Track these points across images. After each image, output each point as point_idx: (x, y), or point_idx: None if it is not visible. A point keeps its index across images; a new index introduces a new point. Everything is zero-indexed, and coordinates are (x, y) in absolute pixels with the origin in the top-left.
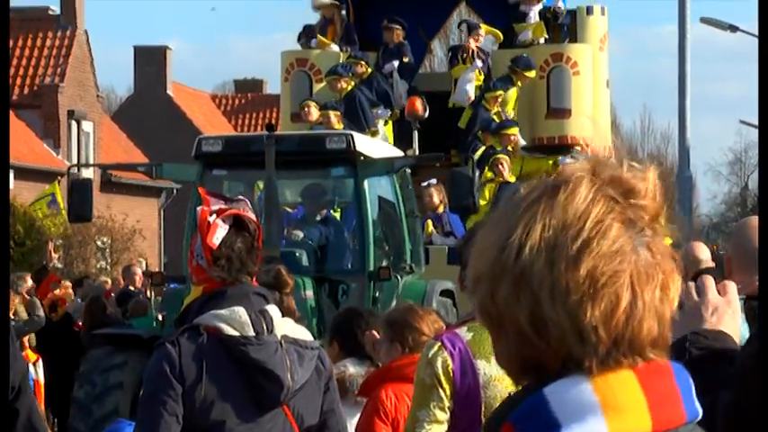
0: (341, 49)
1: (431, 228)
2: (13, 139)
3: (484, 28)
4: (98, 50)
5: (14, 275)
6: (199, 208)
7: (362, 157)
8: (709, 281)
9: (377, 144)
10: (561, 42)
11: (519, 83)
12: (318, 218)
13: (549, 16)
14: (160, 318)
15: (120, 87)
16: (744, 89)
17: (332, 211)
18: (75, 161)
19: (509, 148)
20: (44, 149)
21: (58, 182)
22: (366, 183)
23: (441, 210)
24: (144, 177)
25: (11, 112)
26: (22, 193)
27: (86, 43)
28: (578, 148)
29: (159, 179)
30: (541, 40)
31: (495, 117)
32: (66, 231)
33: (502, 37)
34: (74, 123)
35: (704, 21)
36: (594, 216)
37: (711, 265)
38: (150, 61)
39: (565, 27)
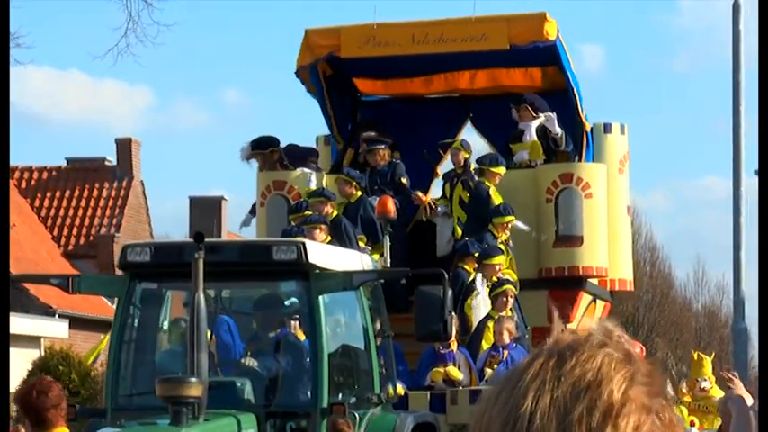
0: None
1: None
2: None
3: (462, 152)
4: (153, 201)
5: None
6: None
7: (317, 270)
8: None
9: (337, 254)
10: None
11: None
12: (270, 339)
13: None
14: None
15: (175, 237)
16: None
17: (288, 332)
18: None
19: (493, 279)
20: (99, 299)
21: None
22: (321, 300)
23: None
24: None
25: (66, 261)
26: (77, 341)
27: (142, 194)
28: (592, 280)
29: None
30: (539, 162)
31: (501, 246)
32: None
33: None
34: None
35: (758, 173)
36: (611, 384)
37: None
38: (205, 211)
39: (572, 151)
